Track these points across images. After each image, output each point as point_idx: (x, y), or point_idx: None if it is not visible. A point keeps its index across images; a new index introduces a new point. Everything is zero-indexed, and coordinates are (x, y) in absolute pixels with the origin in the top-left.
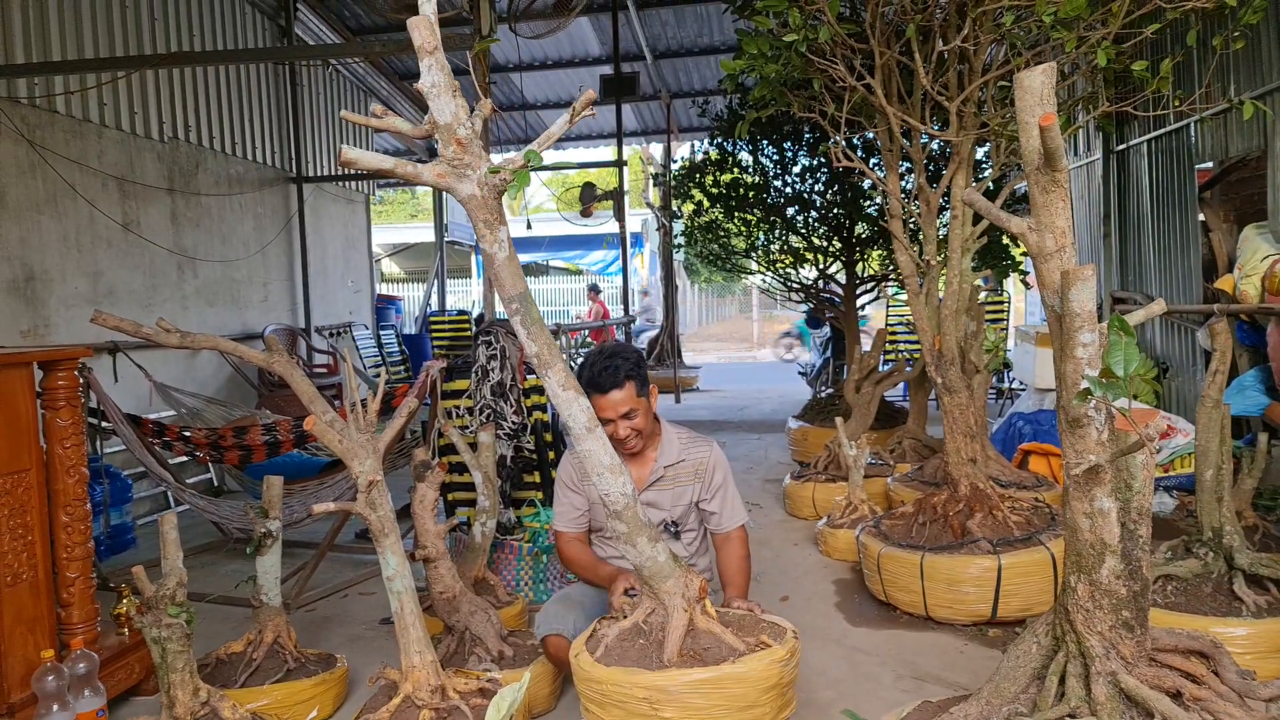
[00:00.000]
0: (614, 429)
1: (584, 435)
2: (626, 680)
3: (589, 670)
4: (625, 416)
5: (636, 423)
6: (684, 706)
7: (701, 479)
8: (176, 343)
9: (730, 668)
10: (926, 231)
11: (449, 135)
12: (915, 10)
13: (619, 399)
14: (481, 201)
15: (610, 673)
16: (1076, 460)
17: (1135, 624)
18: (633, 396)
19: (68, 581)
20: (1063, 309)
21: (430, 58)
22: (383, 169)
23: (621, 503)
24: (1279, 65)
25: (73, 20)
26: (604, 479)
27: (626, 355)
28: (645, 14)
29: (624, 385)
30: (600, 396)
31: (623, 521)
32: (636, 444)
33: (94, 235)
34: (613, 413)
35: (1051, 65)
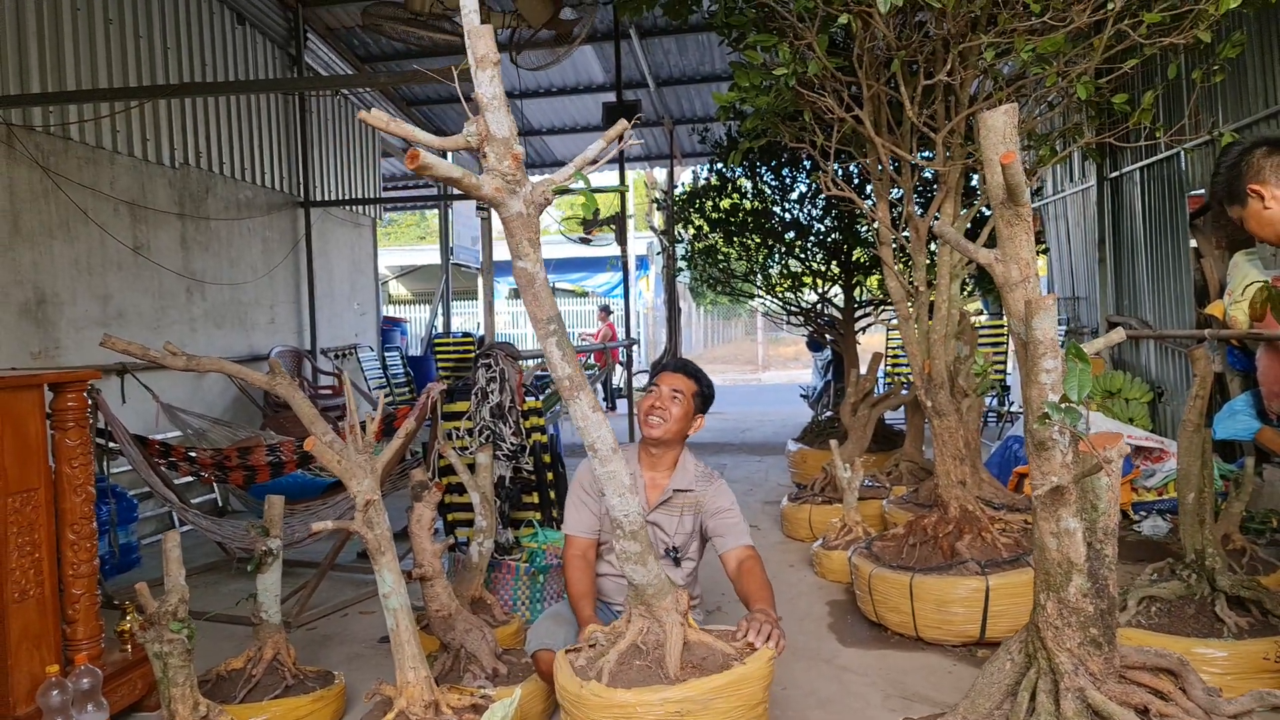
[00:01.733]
0: (655, 398)
1: (609, 457)
2: (656, 697)
3: (609, 696)
4: (671, 393)
5: (675, 410)
6: (711, 712)
7: (706, 510)
8: (183, 365)
9: (743, 670)
10: (916, 258)
11: (505, 150)
12: (901, 45)
13: (679, 381)
14: (526, 220)
15: (634, 694)
16: (1042, 481)
17: (1103, 641)
18: (690, 391)
19: (73, 598)
20: (1027, 336)
21: (492, 69)
22: (451, 177)
23: (636, 523)
24: (1264, 96)
25: (87, 50)
26: (624, 499)
27: (695, 365)
28: (647, 43)
29: (691, 378)
30: (667, 374)
31: (636, 542)
32: (659, 427)
33: (105, 259)
34: (665, 385)
35: (1012, 106)
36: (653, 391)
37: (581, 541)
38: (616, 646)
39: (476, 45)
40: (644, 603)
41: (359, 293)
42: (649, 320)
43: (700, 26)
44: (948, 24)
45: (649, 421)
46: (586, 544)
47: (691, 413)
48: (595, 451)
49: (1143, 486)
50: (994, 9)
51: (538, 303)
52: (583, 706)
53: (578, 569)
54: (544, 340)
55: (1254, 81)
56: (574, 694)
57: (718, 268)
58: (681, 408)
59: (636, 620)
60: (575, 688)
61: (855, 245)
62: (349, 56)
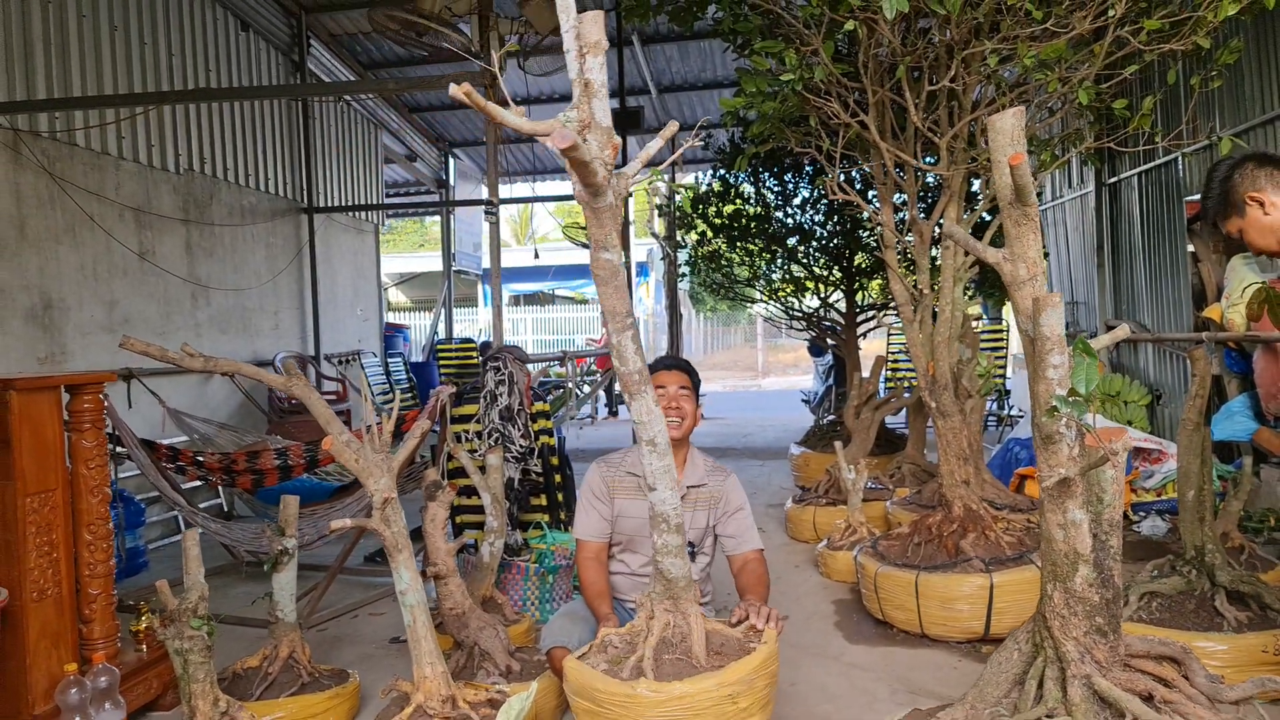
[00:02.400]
0: (667, 399)
1: (665, 451)
2: (710, 684)
3: (666, 690)
4: (681, 391)
5: (687, 406)
6: (754, 693)
7: (719, 506)
8: (200, 366)
9: (766, 649)
10: (920, 262)
11: (607, 138)
12: (905, 51)
13: (678, 377)
14: (614, 211)
15: (688, 684)
16: (1049, 473)
17: (1108, 629)
18: (689, 383)
19: (90, 598)
20: (1034, 333)
21: (600, 55)
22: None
23: (679, 518)
24: (1260, 102)
25: (93, 56)
26: (673, 494)
27: (686, 360)
28: (650, 50)
29: (685, 370)
30: (663, 371)
31: (678, 535)
32: (678, 425)
33: (110, 265)
34: (671, 384)
35: (1020, 109)
36: (662, 393)
37: (594, 545)
38: (648, 643)
39: (588, 31)
40: (671, 596)
41: (362, 299)
42: (650, 326)
43: (702, 34)
44: (951, 30)
45: (668, 423)
46: (599, 547)
47: (695, 406)
48: (654, 446)
49: (1142, 487)
50: (997, 16)
51: (619, 296)
52: (637, 705)
53: (592, 570)
54: (620, 334)
55: (1251, 87)
56: (625, 694)
57: (721, 273)
58: (690, 403)
59: (660, 615)
60: (625, 689)
61: (857, 250)
62: (352, 63)
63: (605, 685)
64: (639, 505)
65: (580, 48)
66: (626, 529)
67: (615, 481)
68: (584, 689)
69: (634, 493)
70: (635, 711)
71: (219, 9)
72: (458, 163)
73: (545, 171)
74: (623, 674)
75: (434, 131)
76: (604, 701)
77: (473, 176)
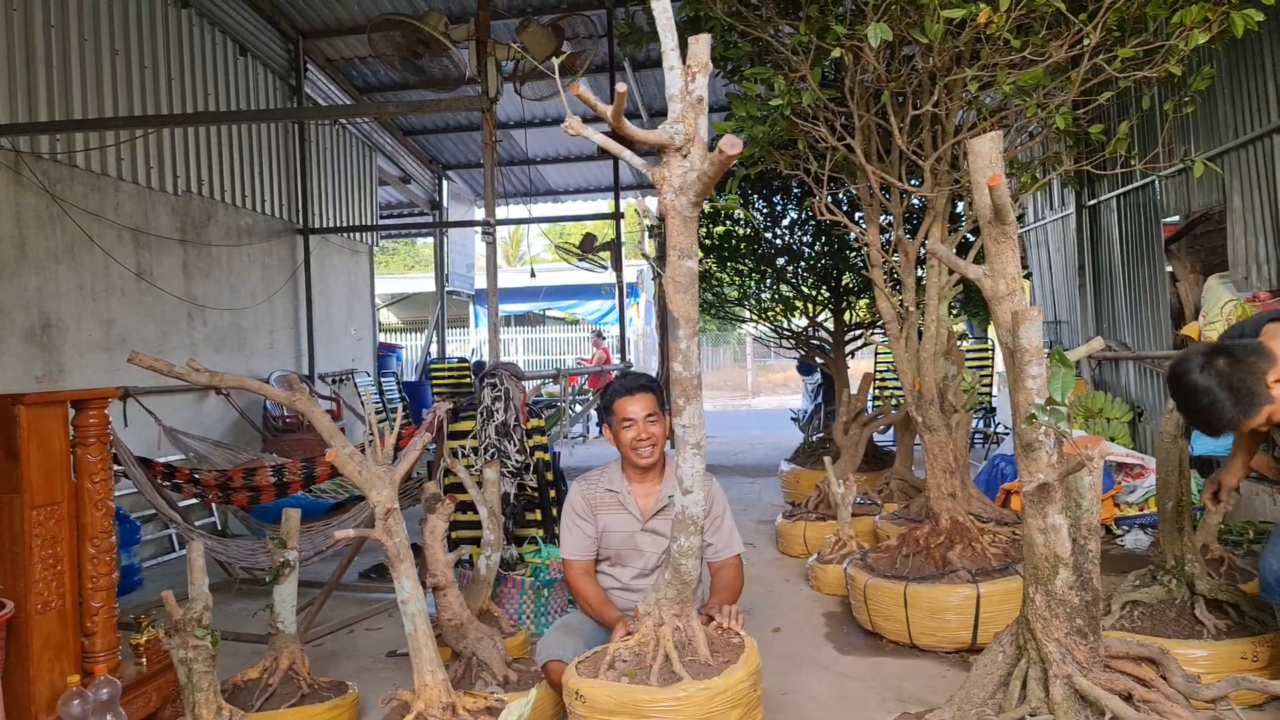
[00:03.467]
0: (636, 430)
1: (703, 456)
2: (741, 674)
3: (712, 685)
4: (648, 419)
5: (657, 430)
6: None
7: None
8: (206, 381)
9: (752, 641)
10: (905, 280)
11: (704, 151)
12: (890, 78)
13: (642, 402)
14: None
15: (724, 678)
16: (1029, 479)
17: (1088, 631)
18: (655, 404)
19: (92, 611)
20: (1014, 345)
21: (706, 75)
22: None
23: (701, 518)
24: (1233, 126)
25: (94, 79)
26: (700, 498)
27: (648, 376)
28: (641, 75)
29: (648, 391)
30: (626, 399)
31: (698, 537)
32: (653, 454)
33: (108, 284)
34: (637, 413)
35: (998, 134)
36: (629, 425)
37: (581, 564)
38: (662, 648)
39: (699, 53)
40: (682, 600)
41: (356, 319)
42: (640, 346)
43: None
44: (934, 58)
45: (639, 454)
46: (586, 565)
47: (664, 419)
48: (700, 450)
49: (1125, 502)
50: (977, 44)
51: (692, 303)
52: (689, 705)
53: (585, 583)
54: (688, 339)
55: (1224, 112)
56: (668, 697)
57: (711, 293)
58: (660, 426)
59: (670, 620)
60: (668, 692)
61: (845, 270)
62: (347, 87)
63: (637, 693)
64: (620, 519)
65: (690, 67)
66: (612, 544)
67: (596, 499)
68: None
69: (615, 508)
70: (685, 711)
71: (218, 34)
72: (451, 185)
73: (539, 193)
74: (650, 680)
75: (428, 154)
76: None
77: (466, 198)
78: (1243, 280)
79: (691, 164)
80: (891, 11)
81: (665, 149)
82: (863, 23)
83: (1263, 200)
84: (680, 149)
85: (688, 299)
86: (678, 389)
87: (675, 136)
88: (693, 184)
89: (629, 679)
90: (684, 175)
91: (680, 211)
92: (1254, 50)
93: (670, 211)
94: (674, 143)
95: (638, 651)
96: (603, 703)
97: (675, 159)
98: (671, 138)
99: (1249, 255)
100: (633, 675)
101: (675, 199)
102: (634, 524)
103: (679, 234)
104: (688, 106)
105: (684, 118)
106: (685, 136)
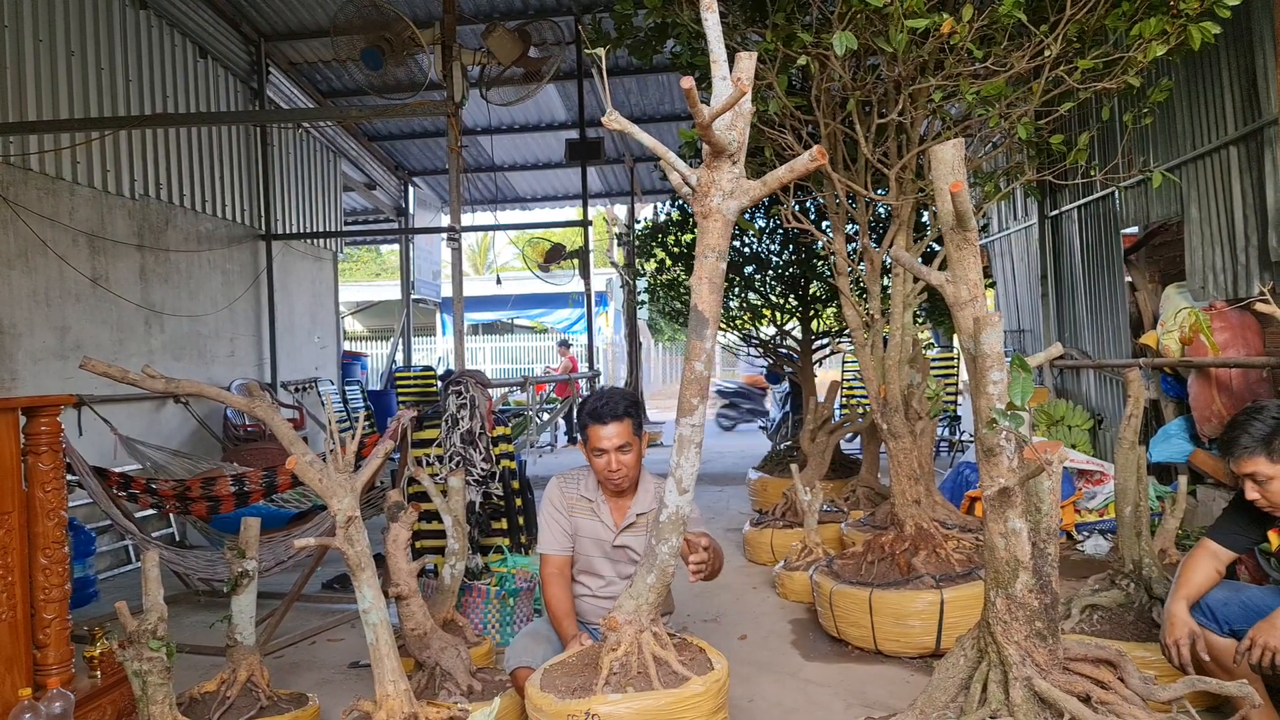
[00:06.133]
0: (608, 461)
1: (696, 451)
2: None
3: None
4: (620, 450)
5: (629, 459)
6: None
7: None
8: (162, 388)
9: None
10: (871, 288)
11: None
12: (856, 86)
13: (615, 431)
14: (732, 224)
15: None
16: (990, 484)
17: (1047, 634)
18: (629, 432)
19: (44, 623)
20: (975, 351)
21: (750, 90)
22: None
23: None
24: (1191, 138)
25: (49, 81)
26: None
27: (625, 395)
28: (610, 82)
29: (622, 419)
30: (599, 426)
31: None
32: (625, 482)
33: (63, 290)
34: (608, 444)
35: (960, 141)
36: (600, 455)
37: (557, 559)
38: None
39: (744, 69)
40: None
41: (319, 326)
42: (608, 356)
43: (662, 67)
44: (899, 67)
45: (612, 481)
46: (563, 561)
47: (639, 445)
48: (700, 448)
49: (1085, 508)
50: (941, 54)
51: (716, 301)
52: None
53: (557, 586)
54: (712, 339)
55: (1182, 124)
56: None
57: (680, 300)
58: (633, 453)
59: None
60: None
61: (812, 279)
62: (311, 91)
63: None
64: (593, 526)
65: (740, 80)
66: (583, 549)
67: (573, 501)
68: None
69: (587, 514)
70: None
71: (177, 35)
72: (417, 191)
73: (506, 200)
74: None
75: (393, 160)
76: None
77: (432, 205)
78: (1200, 289)
79: (740, 170)
80: (857, 20)
81: (716, 156)
82: (829, 31)
83: (1219, 211)
84: (732, 155)
85: (715, 299)
86: (694, 389)
87: (732, 145)
88: (746, 190)
89: (633, 689)
90: (734, 181)
91: (725, 215)
92: (1211, 63)
93: (713, 214)
94: (729, 149)
95: (624, 661)
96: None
97: (725, 165)
98: (729, 145)
99: (1206, 265)
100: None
101: (723, 203)
102: (606, 533)
103: (717, 236)
104: (737, 115)
105: (734, 125)
106: (737, 144)
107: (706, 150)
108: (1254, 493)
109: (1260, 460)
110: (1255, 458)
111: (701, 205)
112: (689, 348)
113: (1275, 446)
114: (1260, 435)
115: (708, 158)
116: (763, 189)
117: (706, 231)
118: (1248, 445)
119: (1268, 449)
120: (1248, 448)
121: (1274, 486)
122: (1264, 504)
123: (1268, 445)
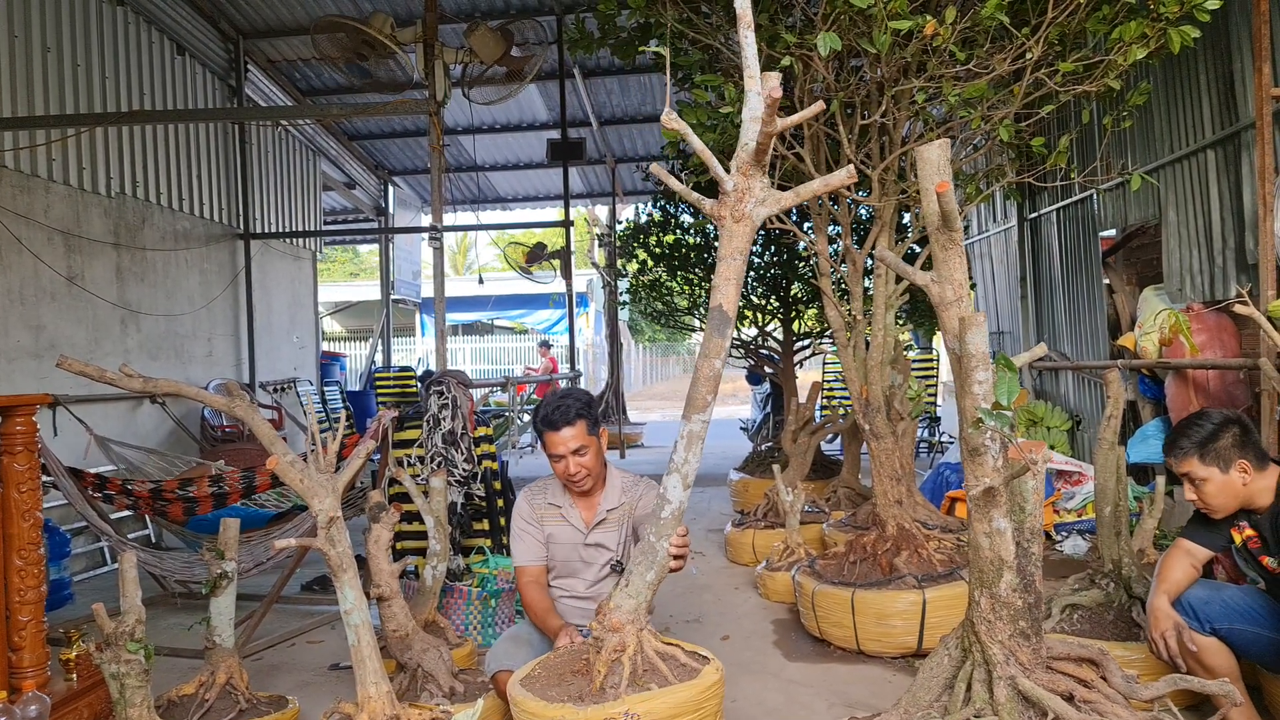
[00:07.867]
0: (565, 465)
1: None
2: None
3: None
4: (576, 453)
5: (587, 460)
6: None
7: (636, 515)
8: (139, 387)
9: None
10: (853, 290)
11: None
12: (839, 87)
13: (570, 435)
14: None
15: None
16: (975, 483)
17: (1031, 633)
18: (583, 434)
19: (19, 625)
20: (960, 350)
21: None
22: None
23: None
24: (1169, 142)
25: (24, 77)
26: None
27: (578, 396)
28: (591, 83)
29: (574, 423)
30: (553, 433)
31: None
32: (587, 482)
33: (38, 289)
34: (564, 449)
35: (945, 141)
36: (558, 460)
37: (533, 570)
38: (647, 653)
39: (770, 83)
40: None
41: (298, 326)
42: (589, 356)
43: (644, 68)
44: (882, 69)
45: (575, 483)
46: (538, 571)
47: (597, 444)
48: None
49: (1064, 508)
50: (924, 56)
51: (731, 295)
52: None
53: (534, 591)
54: (728, 339)
55: (1160, 128)
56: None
57: (661, 301)
58: (592, 454)
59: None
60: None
61: (794, 280)
62: (290, 89)
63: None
64: (565, 531)
65: (769, 95)
66: (559, 555)
67: (541, 511)
68: None
69: (557, 520)
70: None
71: (154, 32)
72: (397, 190)
73: (487, 201)
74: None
75: (373, 159)
76: None
77: (412, 205)
78: (1177, 292)
79: (768, 180)
80: (841, 22)
81: (755, 164)
82: (812, 32)
83: (1196, 214)
84: (763, 165)
85: (733, 291)
86: (709, 385)
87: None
88: (777, 199)
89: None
90: (766, 189)
91: (754, 221)
92: (1189, 67)
93: (745, 219)
94: (767, 158)
95: (633, 661)
96: None
97: (759, 174)
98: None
99: (1183, 267)
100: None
101: (755, 209)
102: (577, 536)
103: (741, 239)
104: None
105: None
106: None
107: (740, 158)
108: (1191, 493)
109: (1194, 462)
110: (1189, 459)
111: (735, 210)
112: (707, 345)
113: (1209, 450)
114: (1197, 439)
115: (743, 165)
116: (794, 199)
117: (735, 235)
118: (1184, 447)
119: (1201, 451)
120: (1184, 449)
121: (1207, 488)
122: (1200, 504)
123: (1201, 448)
